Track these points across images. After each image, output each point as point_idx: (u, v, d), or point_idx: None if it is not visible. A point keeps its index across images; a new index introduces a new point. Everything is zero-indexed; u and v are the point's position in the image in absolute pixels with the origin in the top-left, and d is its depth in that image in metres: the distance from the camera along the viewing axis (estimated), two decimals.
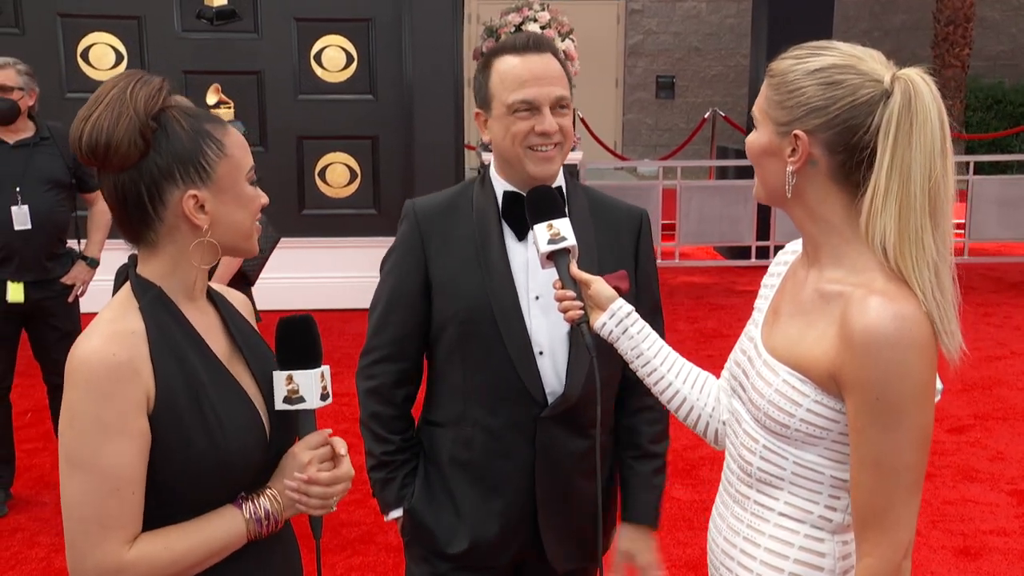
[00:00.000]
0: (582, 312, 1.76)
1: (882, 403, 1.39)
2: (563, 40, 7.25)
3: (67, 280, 4.18)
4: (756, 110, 1.54)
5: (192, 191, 1.44)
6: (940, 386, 1.48)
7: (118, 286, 1.50)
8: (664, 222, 8.13)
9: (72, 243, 4.29)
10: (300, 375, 1.49)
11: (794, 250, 1.67)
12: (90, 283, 4.27)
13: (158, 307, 1.45)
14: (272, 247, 4.08)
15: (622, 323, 1.76)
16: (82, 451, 1.36)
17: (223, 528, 1.44)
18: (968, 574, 3.65)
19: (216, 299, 1.58)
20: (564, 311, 1.78)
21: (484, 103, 1.98)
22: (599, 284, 1.78)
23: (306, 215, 7.28)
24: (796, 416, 1.48)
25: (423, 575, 2.11)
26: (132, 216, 1.45)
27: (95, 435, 1.36)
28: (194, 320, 1.49)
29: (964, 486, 4.38)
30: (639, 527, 2.11)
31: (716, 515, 1.68)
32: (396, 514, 2.10)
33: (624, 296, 1.81)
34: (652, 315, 1.81)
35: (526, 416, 1.98)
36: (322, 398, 1.51)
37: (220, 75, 6.35)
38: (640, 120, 15.07)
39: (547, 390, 1.98)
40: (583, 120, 10.93)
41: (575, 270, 1.79)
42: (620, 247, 2.05)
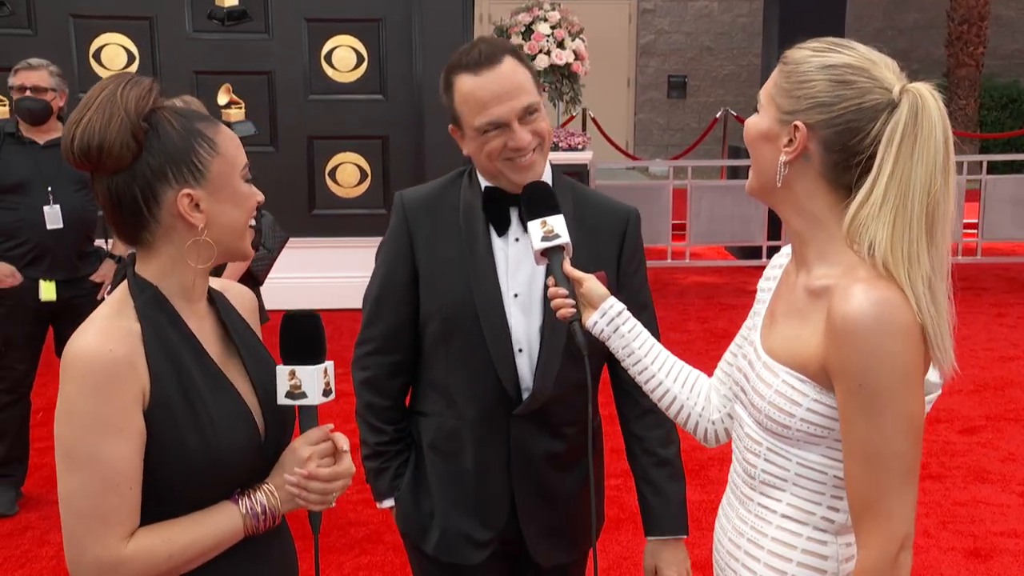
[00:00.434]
0: (574, 310, 1.76)
1: (866, 390, 1.37)
2: (573, 40, 7.22)
3: (96, 278, 4.25)
4: (763, 94, 1.53)
5: (186, 190, 1.44)
6: (938, 380, 1.46)
7: (116, 284, 1.51)
8: (675, 222, 8.10)
9: (99, 242, 4.38)
10: (303, 370, 1.49)
11: (788, 254, 1.66)
12: None
13: (154, 307, 1.46)
14: (280, 247, 4.09)
15: (613, 322, 1.76)
16: (80, 447, 1.37)
17: (219, 523, 1.45)
18: None
19: (216, 301, 1.59)
20: (556, 309, 1.77)
21: (454, 121, 1.94)
22: (591, 282, 1.78)
23: (316, 215, 7.29)
24: (796, 416, 1.48)
25: (413, 564, 2.14)
26: (127, 218, 1.45)
27: (93, 431, 1.36)
28: (190, 321, 1.50)
29: (975, 487, 4.36)
30: (662, 541, 2.07)
31: (722, 516, 1.68)
32: (388, 503, 2.13)
33: None
34: (639, 316, 1.80)
35: (502, 412, 1.99)
36: (324, 394, 1.51)
37: (231, 75, 6.39)
38: (652, 120, 15.05)
39: (523, 387, 1.99)
40: (594, 120, 10.92)
41: (568, 268, 1.78)
42: (600, 246, 2.02)
